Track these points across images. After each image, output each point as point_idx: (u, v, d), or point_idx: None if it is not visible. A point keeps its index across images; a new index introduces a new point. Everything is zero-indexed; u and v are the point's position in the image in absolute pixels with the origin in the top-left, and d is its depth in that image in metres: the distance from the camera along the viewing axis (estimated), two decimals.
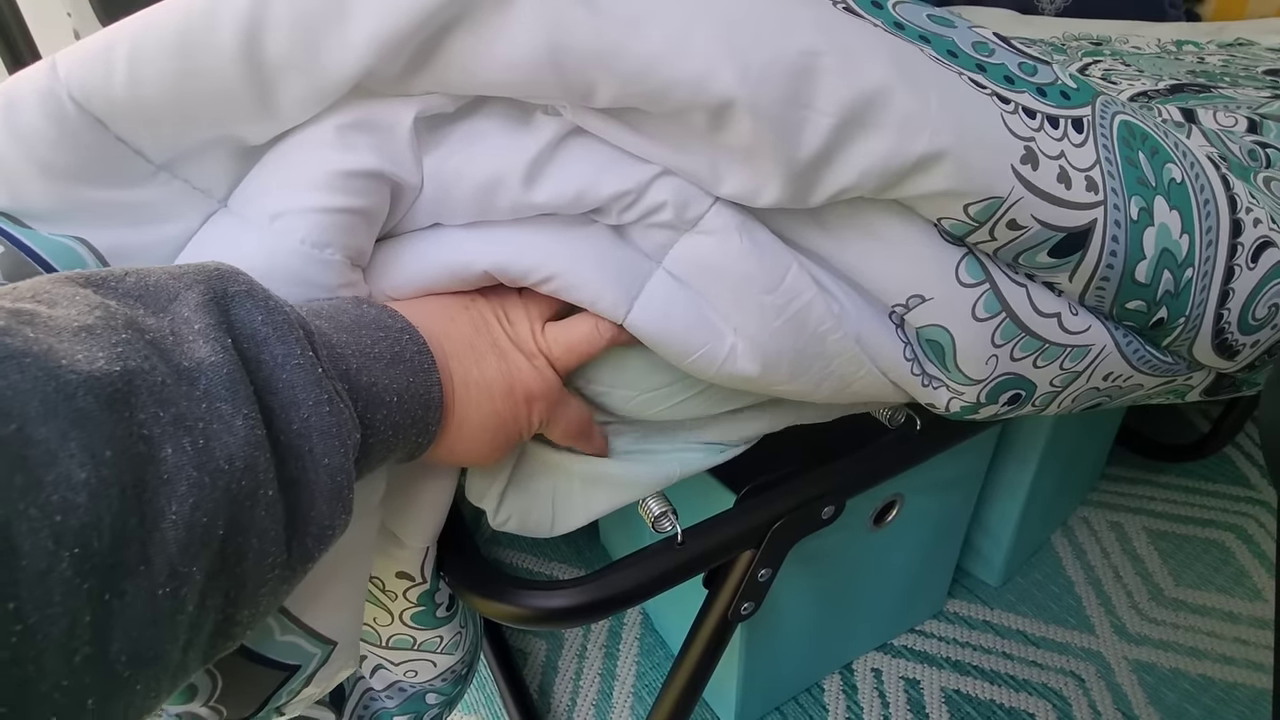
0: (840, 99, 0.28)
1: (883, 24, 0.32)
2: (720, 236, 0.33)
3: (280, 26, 0.27)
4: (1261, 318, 0.43)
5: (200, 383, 0.20)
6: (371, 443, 0.27)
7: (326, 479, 0.24)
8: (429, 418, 0.30)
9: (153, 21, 0.27)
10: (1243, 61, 0.92)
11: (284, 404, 0.23)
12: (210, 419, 0.20)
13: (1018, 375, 0.39)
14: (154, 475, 0.18)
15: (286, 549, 0.23)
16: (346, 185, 0.29)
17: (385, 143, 0.30)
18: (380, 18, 0.27)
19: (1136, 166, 0.34)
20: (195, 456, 0.19)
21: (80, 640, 0.17)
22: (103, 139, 0.28)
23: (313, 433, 0.23)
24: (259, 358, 0.23)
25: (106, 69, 0.27)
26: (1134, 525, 0.96)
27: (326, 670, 0.35)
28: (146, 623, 0.18)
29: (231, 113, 0.29)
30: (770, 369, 0.35)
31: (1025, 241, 0.32)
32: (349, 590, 0.35)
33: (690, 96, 0.28)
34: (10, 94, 0.27)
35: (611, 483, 0.41)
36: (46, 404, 0.17)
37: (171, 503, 0.19)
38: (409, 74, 0.29)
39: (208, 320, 0.22)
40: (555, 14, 0.27)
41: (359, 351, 0.27)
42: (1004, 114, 0.31)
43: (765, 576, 0.48)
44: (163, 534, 0.18)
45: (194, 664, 0.21)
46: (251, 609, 0.22)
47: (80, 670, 0.17)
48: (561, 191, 0.32)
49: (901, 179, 0.30)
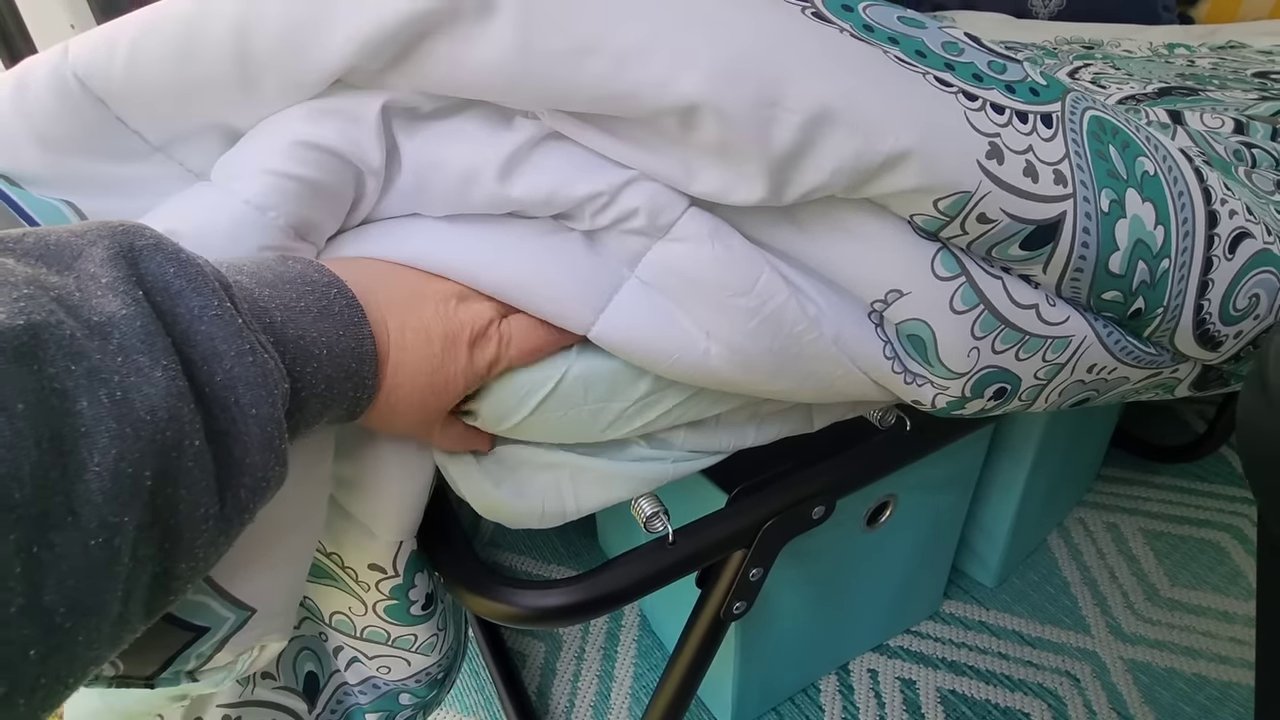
0: (807, 98, 0.29)
1: (851, 27, 0.33)
2: (693, 243, 0.34)
3: (268, 23, 0.29)
4: (1243, 308, 0.43)
5: (114, 337, 0.20)
6: (304, 396, 0.27)
7: (256, 429, 0.24)
8: (363, 370, 0.30)
9: (156, 13, 0.29)
10: (1232, 64, 0.92)
11: (204, 356, 0.23)
12: (127, 371, 0.20)
13: (1001, 368, 0.39)
14: (71, 428, 0.18)
15: (219, 500, 0.23)
16: (300, 155, 0.31)
17: (348, 126, 0.31)
18: (362, 21, 0.28)
19: (1107, 160, 0.35)
20: (114, 408, 0.19)
21: (12, 591, 0.17)
22: (103, 116, 0.31)
23: (238, 383, 0.23)
24: (174, 310, 0.23)
25: (110, 52, 0.30)
26: (1130, 526, 0.96)
27: (242, 636, 0.35)
28: (81, 573, 0.18)
29: (221, 99, 0.31)
30: (749, 370, 0.36)
31: (996, 235, 0.33)
32: (275, 558, 0.35)
33: (657, 99, 0.29)
34: (23, 71, 0.31)
35: (603, 479, 0.41)
36: None
37: (94, 454, 0.18)
38: (387, 72, 0.30)
39: (115, 274, 0.21)
40: (530, 22, 0.28)
41: (283, 305, 0.27)
42: (968, 111, 0.32)
43: (757, 576, 0.49)
44: (86, 485, 0.18)
45: (136, 617, 0.21)
46: (189, 562, 0.22)
47: (16, 620, 0.17)
48: (536, 188, 0.33)
49: (871, 177, 0.30)
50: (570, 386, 0.36)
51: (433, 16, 0.28)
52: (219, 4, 0.29)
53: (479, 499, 0.40)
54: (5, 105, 0.30)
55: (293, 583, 0.37)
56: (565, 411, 0.37)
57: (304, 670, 0.47)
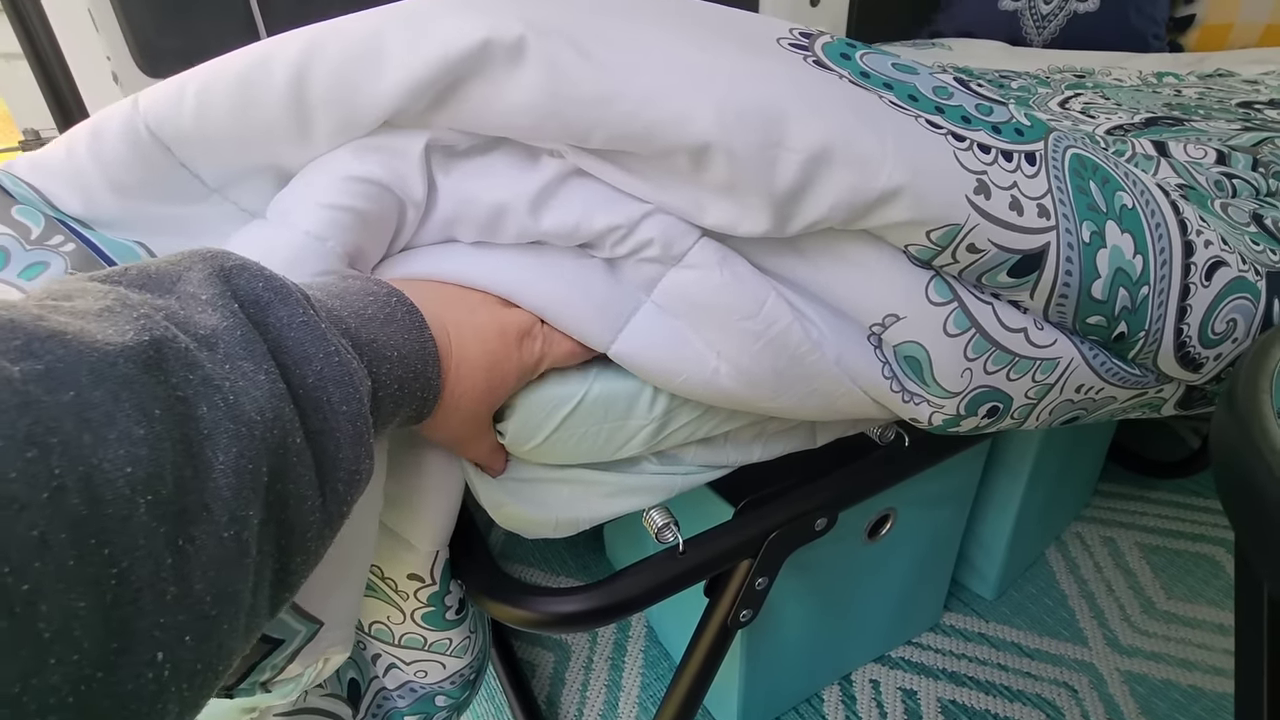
0: (807, 140, 0.32)
1: (849, 74, 0.36)
2: (703, 270, 0.36)
3: (324, 72, 0.32)
4: (1221, 332, 0.46)
5: (219, 347, 0.22)
6: (381, 396, 0.29)
7: (348, 425, 0.25)
8: (429, 372, 0.32)
9: (219, 67, 0.33)
10: (1217, 94, 0.96)
11: (296, 360, 0.24)
12: (235, 377, 0.22)
13: (993, 388, 0.42)
14: (196, 431, 0.20)
15: (321, 494, 0.24)
16: (350, 188, 0.33)
17: (393, 161, 0.34)
18: (409, 68, 0.31)
19: (1087, 194, 0.38)
20: (229, 411, 0.21)
21: (166, 581, 0.18)
22: (168, 162, 0.34)
23: (328, 383, 0.25)
24: (265, 321, 0.24)
25: (178, 103, 0.33)
26: (1126, 540, 0.98)
27: (312, 648, 0.36)
28: (220, 564, 0.20)
29: (276, 142, 0.34)
30: (755, 388, 0.39)
31: (985, 263, 0.36)
32: (340, 574, 0.36)
33: (672, 139, 0.31)
34: (98, 123, 0.34)
35: (615, 492, 0.43)
36: (94, 372, 0.18)
37: (218, 454, 0.20)
38: (428, 113, 0.33)
39: (213, 291, 0.23)
40: (557, 67, 0.31)
41: (354, 313, 0.29)
42: (957, 150, 0.34)
43: (762, 585, 0.51)
44: (215, 482, 0.20)
45: (263, 610, 0.23)
46: (302, 555, 0.24)
47: (173, 608, 0.18)
48: (562, 221, 0.36)
49: (867, 211, 0.33)
50: (592, 404, 0.39)
51: (468, 64, 0.31)
52: (276, 58, 0.32)
53: (497, 509, 0.42)
54: (82, 153, 0.33)
55: (355, 596, 0.40)
56: (586, 429, 0.39)
57: (347, 677, 0.49)
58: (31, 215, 0.33)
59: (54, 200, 0.34)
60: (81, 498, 0.16)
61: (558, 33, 0.31)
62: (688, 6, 0.38)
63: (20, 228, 0.33)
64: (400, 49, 0.31)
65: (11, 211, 0.33)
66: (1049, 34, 1.39)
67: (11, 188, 0.34)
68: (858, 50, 0.38)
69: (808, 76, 0.35)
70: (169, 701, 0.19)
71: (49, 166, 0.34)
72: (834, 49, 0.38)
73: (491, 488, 0.42)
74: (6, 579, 0.15)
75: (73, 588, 0.16)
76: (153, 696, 0.18)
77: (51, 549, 0.16)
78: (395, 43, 0.31)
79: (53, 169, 0.34)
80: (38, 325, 0.18)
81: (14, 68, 0.93)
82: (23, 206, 0.33)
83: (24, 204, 0.34)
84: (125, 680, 0.17)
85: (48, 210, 0.34)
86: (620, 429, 0.41)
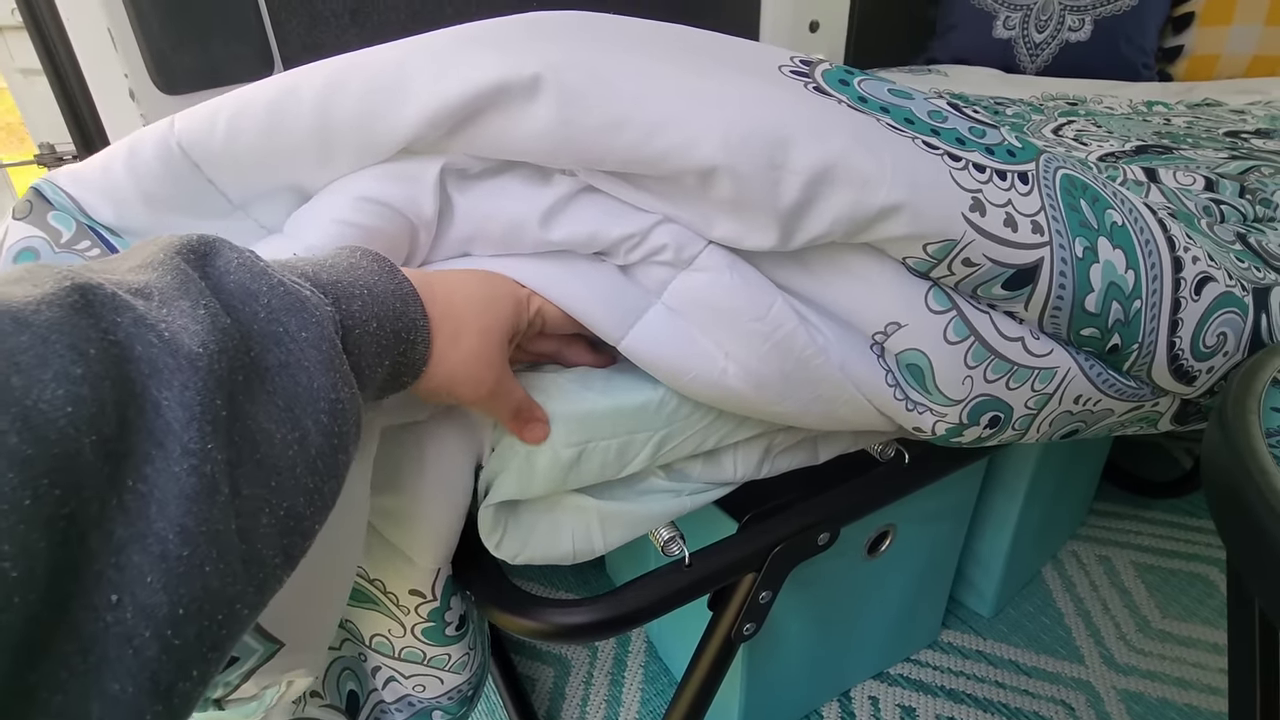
0: (808, 161, 0.33)
1: (848, 99, 0.38)
2: (713, 273, 0.38)
3: (348, 100, 0.34)
4: (1212, 345, 0.47)
5: (154, 295, 0.22)
6: (359, 334, 0.28)
7: (313, 351, 0.25)
8: (410, 311, 0.31)
9: (251, 94, 0.34)
10: (1205, 123, 0.98)
11: (242, 298, 0.24)
12: (172, 316, 0.21)
13: (994, 397, 0.43)
14: (136, 370, 0.20)
15: (297, 428, 0.24)
16: (362, 207, 0.35)
17: (408, 186, 0.36)
18: (430, 101, 0.33)
19: (1079, 212, 0.40)
20: (166, 347, 0.20)
21: (113, 521, 0.18)
22: (197, 179, 0.36)
23: (279, 313, 0.24)
24: (204, 268, 0.24)
25: (211, 126, 0.34)
26: (1122, 559, 0.99)
27: (269, 668, 0.35)
28: (180, 500, 0.19)
29: (299, 164, 0.36)
30: (761, 389, 0.40)
31: (980, 276, 0.37)
32: (306, 596, 0.35)
33: (681, 163, 0.33)
34: (135, 140, 0.35)
35: (627, 519, 0.44)
36: (17, 320, 0.18)
37: (162, 390, 0.20)
38: (445, 140, 0.35)
39: (150, 254, 0.24)
40: (571, 99, 0.33)
41: (312, 263, 0.29)
42: (953, 170, 0.36)
43: (766, 599, 0.52)
44: (164, 418, 0.20)
45: (269, 556, 0.22)
46: (305, 495, 0.24)
47: (126, 548, 0.18)
48: (577, 232, 0.37)
49: (867, 227, 0.35)
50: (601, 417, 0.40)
51: (487, 97, 0.33)
52: (305, 86, 0.34)
53: (513, 554, 0.43)
54: (119, 168, 0.35)
55: (325, 621, 0.39)
56: (597, 442, 0.40)
57: (346, 689, 0.50)
58: (64, 220, 0.35)
59: (88, 209, 0.36)
60: (21, 437, 0.16)
61: (571, 66, 0.33)
62: (694, 39, 0.40)
63: (53, 231, 0.35)
64: (423, 83, 0.33)
65: (48, 217, 0.35)
66: (1042, 62, 1.42)
67: (51, 195, 0.36)
68: (855, 77, 0.40)
69: (808, 101, 0.36)
70: (145, 647, 0.18)
71: (86, 178, 0.36)
72: (833, 75, 0.39)
73: (499, 533, 0.43)
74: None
75: (33, 528, 0.16)
76: (120, 639, 0.18)
77: (1, 489, 0.16)
78: (418, 76, 0.33)
79: (89, 180, 0.36)
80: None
81: (32, 83, 0.95)
82: (58, 213, 0.35)
83: (60, 210, 0.35)
84: (83, 622, 0.17)
85: (80, 217, 0.36)
86: (630, 443, 0.41)
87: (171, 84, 0.80)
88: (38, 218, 0.35)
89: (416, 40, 0.35)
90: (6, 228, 0.35)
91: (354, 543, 0.39)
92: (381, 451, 0.38)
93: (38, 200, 0.35)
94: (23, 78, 0.96)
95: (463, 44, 0.34)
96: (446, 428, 0.41)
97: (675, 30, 0.40)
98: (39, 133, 0.95)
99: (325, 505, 0.25)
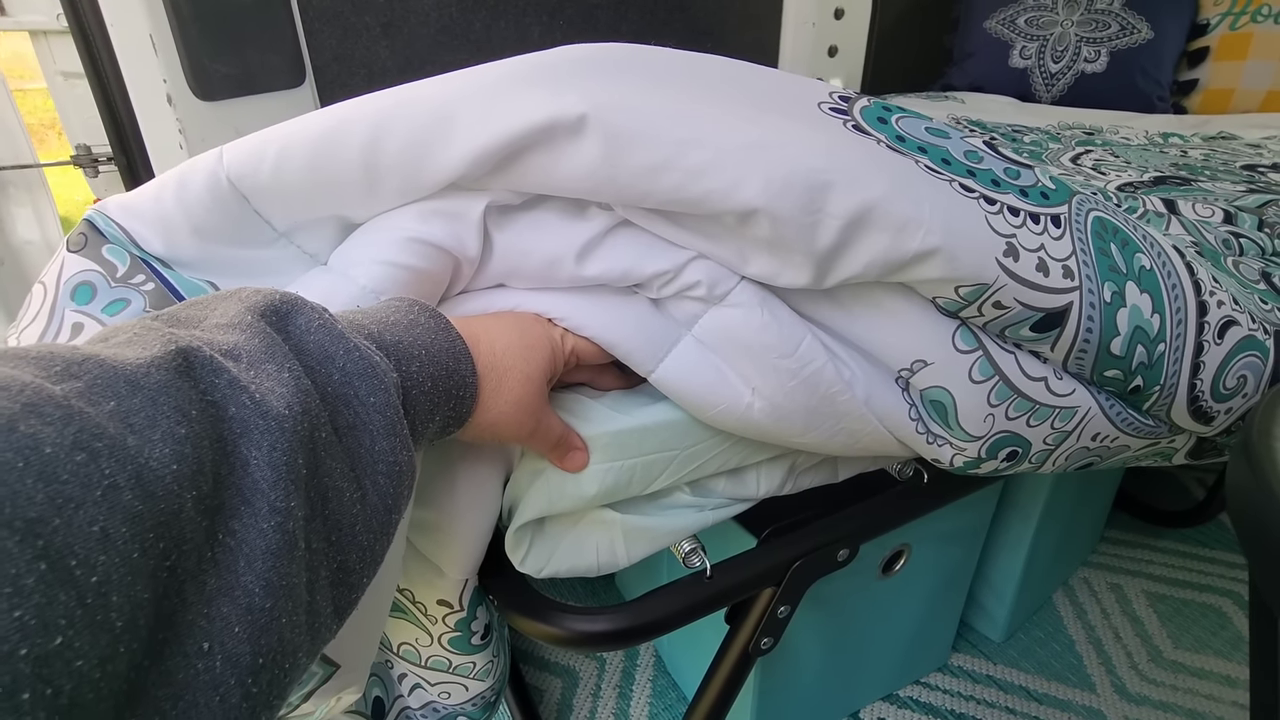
0: (847, 206, 0.34)
1: (886, 138, 0.38)
2: (745, 310, 0.39)
3: (396, 137, 0.34)
4: (1232, 387, 0.48)
5: (243, 356, 0.23)
6: (415, 394, 0.30)
7: (379, 417, 0.26)
8: (462, 369, 0.32)
9: (300, 127, 0.35)
10: (1222, 156, 0.99)
11: (319, 360, 0.26)
12: (261, 379, 0.23)
13: (1013, 433, 0.44)
14: (229, 430, 0.21)
15: (359, 487, 0.25)
16: (411, 248, 0.36)
17: (454, 224, 0.36)
18: (476, 140, 0.33)
19: (1109, 256, 0.40)
20: (256, 409, 0.22)
21: (206, 573, 0.19)
22: (244, 210, 0.36)
23: (353, 378, 0.26)
24: (285, 329, 0.26)
25: (259, 159, 0.35)
26: (1133, 587, 0.99)
27: (326, 689, 0.37)
28: (266, 555, 0.21)
29: (345, 197, 0.36)
30: (784, 423, 0.41)
31: (1009, 319, 0.38)
32: (360, 621, 0.37)
33: (722, 205, 0.34)
34: (184, 172, 0.36)
35: (651, 533, 0.45)
36: (131, 383, 0.19)
37: (251, 450, 0.21)
38: (489, 178, 0.35)
39: (234, 313, 0.25)
40: (616, 140, 0.33)
41: (376, 321, 0.30)
42: (988, 215, 0.37)
43: (784, 614, 0.52)
44: (252, 476, 0.21)
45: (324, 608, 0.24)
46: (358, 552, 0.25)
47: (215, 599, 0.19)
48: (611, 268, 0.38)
49: (901, 269, 0.36)
50: (629, 436, 0.41)
51: (533, 136, 0.33)
52: (354, 121, 0.34)
53: (538, 568, 0.44)
54: (169, 199, 0.36)
55: (372, 640, 0.41)
56: (624, 461, 0.41)
57: (372, 695, 0.51)
58: (119, 254, 0.36)
59: (139, 240, 0.36)
60: (134, 494, 0.18)
61: (617, 108, 0.33)
62: (735, 75, 0.40)
63: (108, 265, 0.35)
64: (469, 121, 0.33)
65: (102, 250, 0.35)
66: (1057, 92, 1.43)
67: (104, 227, 0.36)
68: (893, 114, 0.41)
69: (847, 142, 0.37)
70: (229, 695, 0.19)
71: (137, 209, 0.36)
72: (871, 113, 0.40)
73: (527, 548, 0.44)
74: (75, 571, 0.16)
75: (139, 579, 0.17)
76: (208, 686, 0.19)
77: (114, 542, 0.17)
78: (465, 115, 0.33)
79: (140, 212, 0.36)
80: (74, 353, 0.20)
81: (71, 85, 0.97)
82: (112, 246, 0.36)
83: (113, 243, 0.36)
84: (175, 669, 0.18)
85: (133, 250, 0.36)
86: (656, 460, 0.42)
87: (207, 91, 0.82)
88: (92, 251, 0.35)
89: (462, 76, 0.35)
90: (62, 260, 0.35)
91: (396, 561, 0.40)
92: None
93: (91, 233, 0.36)
94: (63, 80, 0.98)
95: (509, 82, 0.35)
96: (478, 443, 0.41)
97: (717, 64, 0.41)
98: (75, 134, 0.97)
99: (375, 562, 0.27)
